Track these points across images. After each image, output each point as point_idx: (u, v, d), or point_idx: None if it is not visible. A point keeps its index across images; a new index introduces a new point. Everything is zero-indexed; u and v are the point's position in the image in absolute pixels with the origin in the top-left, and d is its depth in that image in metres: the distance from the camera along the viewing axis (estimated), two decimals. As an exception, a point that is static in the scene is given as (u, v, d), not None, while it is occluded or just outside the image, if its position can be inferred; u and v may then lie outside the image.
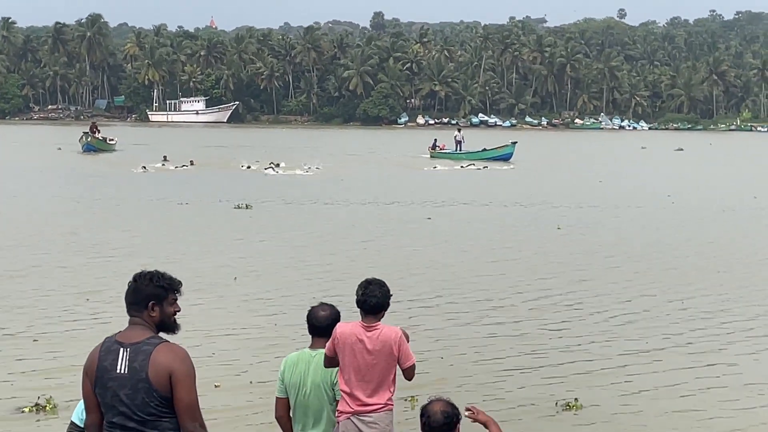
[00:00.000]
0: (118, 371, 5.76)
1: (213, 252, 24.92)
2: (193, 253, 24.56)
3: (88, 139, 68.71)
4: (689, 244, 27.65)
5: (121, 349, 5.79)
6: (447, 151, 70.64)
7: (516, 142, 68.28)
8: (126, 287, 6.01)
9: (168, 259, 22.48)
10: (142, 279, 5.99)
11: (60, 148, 72.58)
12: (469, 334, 16.36)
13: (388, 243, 27.21)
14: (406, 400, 12.00)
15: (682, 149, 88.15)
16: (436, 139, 73.64)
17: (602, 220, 33.82)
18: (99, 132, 71.55)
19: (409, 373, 7.44)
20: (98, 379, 5.81)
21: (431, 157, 68.47)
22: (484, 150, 68.00)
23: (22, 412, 11.39)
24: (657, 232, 30.27)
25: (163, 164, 55.87)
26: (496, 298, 19.31)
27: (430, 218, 33.00)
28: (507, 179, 51.58)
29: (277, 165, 54.31)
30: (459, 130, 76.28)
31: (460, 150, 69.80)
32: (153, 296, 5.92)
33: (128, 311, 5.98)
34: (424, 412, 6.10)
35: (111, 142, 72.46)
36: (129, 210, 34.63)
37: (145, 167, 52.78)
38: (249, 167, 54.64)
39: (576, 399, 12.56)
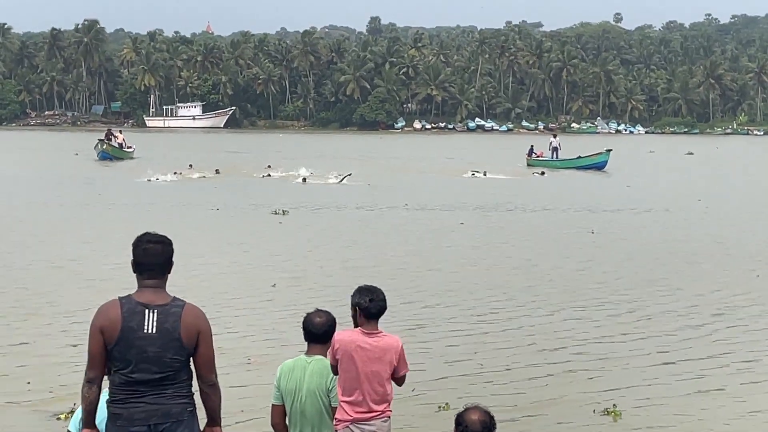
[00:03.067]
0: (145, 331, 6.10)
1: (250, 256, 24.97)
2: (233, 257, 24.65)
3: (104, 147, 66.75)
4: (742, 249, 27.31)
5: (147, 311, 6.14)
6: (544, 158, 66.04)
7: (611, 150, 64.13)
8: (143, 249, 6.26)
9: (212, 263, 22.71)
10: (165, 241, 6.40)
11: (77, 154, 72.05)
12: (503, 339, 16.20)
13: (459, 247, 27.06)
14: (439, 408, 11.91)
15: (692, 153, 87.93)
16: (532, 146, 68.62)
17: (640, 223, 33.72)
18: (115, 139, 70.01)
19: (401, 381, 7.44)
20: (122, 338, 6.10)
21: (528, 165, 64.63)
22: (579, 158, 64.31)
23: (58, 418, 11.34)
24: (708, 236, 30.09)
25: (177, 173, 53.29)
26: (534, 302, 19.12)
27: (463, 223, 32.89)
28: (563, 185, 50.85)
29: (304, 179, 51.53)
30: (555, 136, 70.76)
31: (557, 157, 66.11)
32: (172, 259, 6.39)
33: (146, 272, 6.27)
34: (461, 421, 5.92)
35: (128, 150, 70.18)
36: (179, 216, 33.88)
37: (149, 179, 49.94)
38: (268, 174, 53.67)
39: (615, 405, 12.36)
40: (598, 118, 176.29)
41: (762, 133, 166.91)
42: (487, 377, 13.81)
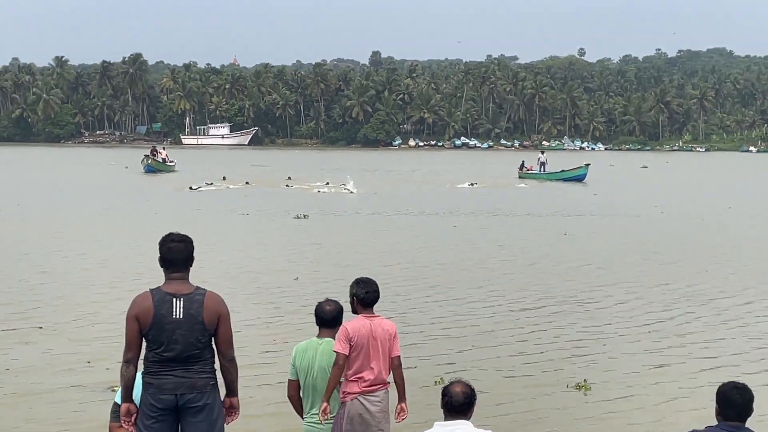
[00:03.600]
0: (174, 316, 6.20)
1: (276, 253, 24.94)
2: (260, 254, 24.72)
3: (149, 161, 66.88)
4: (693, 246, 27.60)
5: (174, 299, 6.23)
6: (533, 172, 65.75)
7: (589, 164, 63.65)
8: (168, 248, 6.34)
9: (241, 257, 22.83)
10: (186, 240, 6.46)
11: (127, 167, 71.82)
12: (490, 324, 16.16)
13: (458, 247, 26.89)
14: (435, 382, 11.84)
15: (646, 167, 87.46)
16: (523, 161, 68.85)
17: (607, 226, 33.74)
18: (159, 154, 69.51)
19: (397, 362, 7.36)
20: (155, 323, 6.20)
21: (519, 177, 64.73)
22: (563, 171, 64.20)
23: (113, 390, 10.95)
24: (665, 237, 30.22)
25: (211, 183, 53.14)
26: (518, 293, 19.11)
27: (456, 226, 32.86)
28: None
29: (331, 185, 50.98)
30: (542, 153, 69.91)
31: (544, 171, 65.21)
32: (192, 255, 6.48)
33: (172, 267, 6.36)
34: (446, 392, 5.88)
35: (170, 164, 69.83)
36: (213, 220, 33.78)
37: (191, 187, 49.90)
38: (288, 185, 52.92)
39: (585, 380, 12.27)
40: (565, 137, 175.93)
41: (704, 150, 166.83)
42: (475, 357, 13.79)
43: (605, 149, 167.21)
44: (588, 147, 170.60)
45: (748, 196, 50.99)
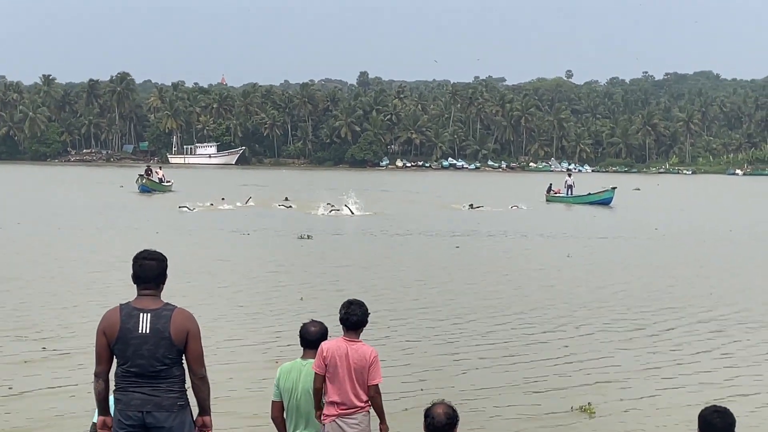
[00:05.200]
0: (140, 331, 6.15)
1: (281, 273, 24.98)
2: (266, 273, 24.68)
3: (143, 181, 66.24)
4: (692, 267, 27.61)
5: (141, 314, 6.20)
6: (561, 195, 64.05)
7: (615, 188, 61.88)
8: (140, 265, 6.32)
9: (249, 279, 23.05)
10: (159, 258, 6.42)
11: (122, 186, 71.22)
12: (486, 346, 16.06)
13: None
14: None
15: (639, 189, 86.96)
16: (551, 184, 66.87)
17: (609, 248, 33.56)
18: (156, 174, 69.00)
19: (373, 391, 7.23)
20: (120, 337, 6.17)
21: (547, 201, 62.95)
22: (589, 194, 62.19)
23: None
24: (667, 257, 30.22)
25: (211, 204, 52.49)
26: (517, 314, 19.06)
27: (458, 247, 32.76)
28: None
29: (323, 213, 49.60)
30: (569, 175, 67.72)
31: (571, 194, 63.51)
32: (165, 273, 6.44)
33: (143, 284, 6.33)
34: (428, 414, 5.80)
35: (167, 184, 69.00)
36: (221, 240, 33.76)
37: (187, 207, 49.09)
38: (288, 206, 52.14)
39: (589, 403, 12.18)
40: (552, 158, 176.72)
41: (690, 172, 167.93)
42: (477, 380, 13.74)
43: (592, 171, 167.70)
44: (575, 169, 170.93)
45: (755, 217, 51.34)
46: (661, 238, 37.45)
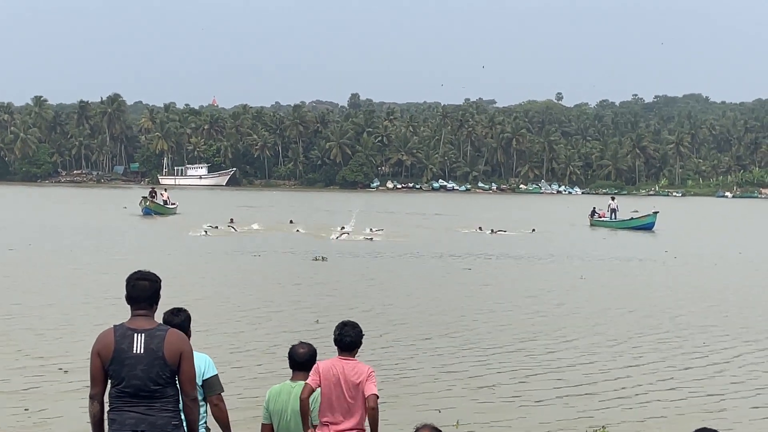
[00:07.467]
0: (134, 352, 6.19)
1: (296, 295, 24.97)
2: (281, 296, 24.76)
3: (147, 203, 65.92)
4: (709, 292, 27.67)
5: (136, 334, 6.22)
6: (605, 219, 63.82)
7: (657, 212, 60.94)
8: (133, 285, 6.34)
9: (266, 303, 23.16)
10: (152, 279, 6.45)
11: (125, 207, 70.69)
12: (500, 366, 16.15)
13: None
14: (452, 425, 11.85)
15: (637, 211, 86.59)
16: (594, 208, 66.61)
17: (622, 270, 33.87)
18: (161, 196, 68.95)
19: (370, 403, 7.17)
20: (115, 358, 6.21)
21: (591, 225, 62.99)
22: (632, 219, 62.19)
23: None
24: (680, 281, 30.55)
25: (218, 227, 52.19)
26: (533, 334, 19.19)
27: (470, 269, 33.18)
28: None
29: (343, 229, 50.06)
30: (613, 199, 67.19)
31: (615, 218, 63.26)
32: (158, 293, 6.47)
33: (136, 304, 6.35)
34: None
35: (171, 206, 68.58)
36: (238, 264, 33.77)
37: (206, 231, 48.71)
38: (297, 230, 51.42)
39: (604, 427, 12.22)
40: (542, 180, 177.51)
41: (680, 194, 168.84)
42: (492, 402, 13.74)
43: (582, 193, 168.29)
44: (565, 191, 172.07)
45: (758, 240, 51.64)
46: (674, 261, 37.56)
